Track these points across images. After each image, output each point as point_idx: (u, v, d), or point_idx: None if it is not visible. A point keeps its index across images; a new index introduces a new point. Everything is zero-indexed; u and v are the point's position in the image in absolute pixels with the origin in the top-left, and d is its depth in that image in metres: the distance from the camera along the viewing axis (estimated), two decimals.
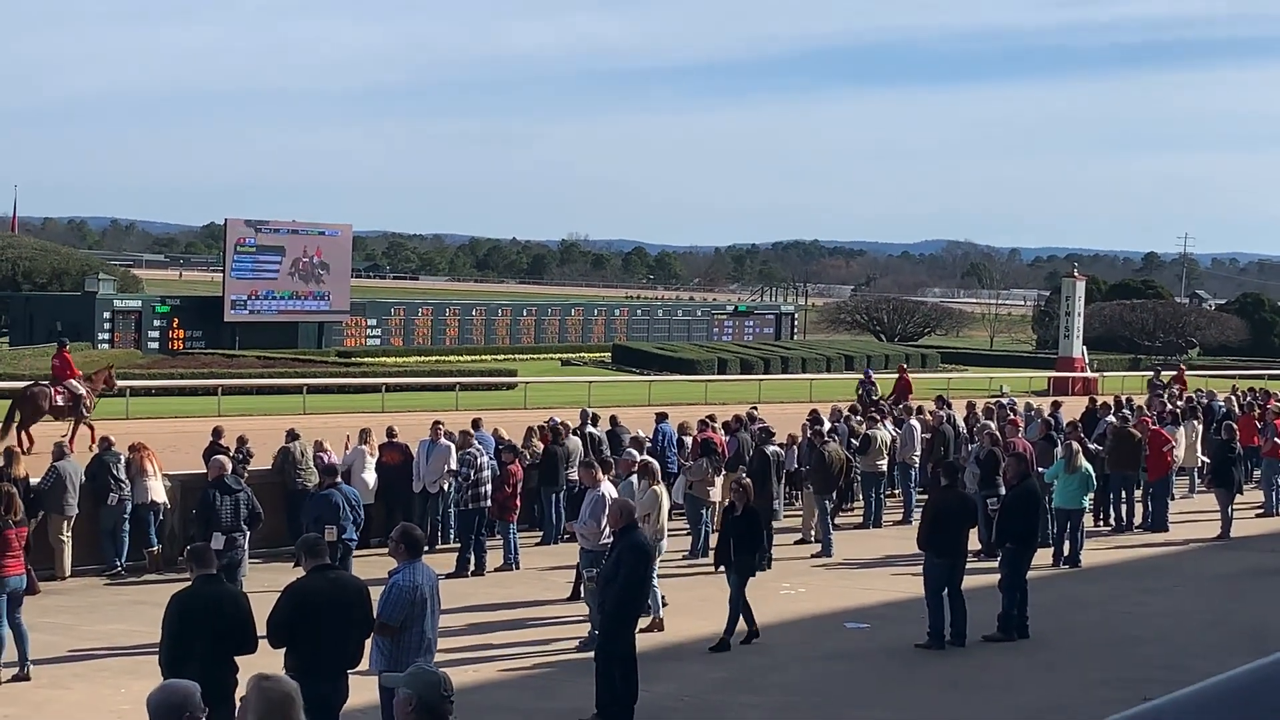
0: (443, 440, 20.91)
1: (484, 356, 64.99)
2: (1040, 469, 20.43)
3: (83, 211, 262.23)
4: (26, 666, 13.48)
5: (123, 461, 19.31)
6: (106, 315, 60.43)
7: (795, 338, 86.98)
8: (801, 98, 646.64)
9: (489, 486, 19.19)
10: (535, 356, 67.93)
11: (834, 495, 21.80)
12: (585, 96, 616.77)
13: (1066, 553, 20.15)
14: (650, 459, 18.10)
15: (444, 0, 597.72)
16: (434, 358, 63.77)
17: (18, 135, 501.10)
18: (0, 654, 13.43)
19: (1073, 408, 31.89)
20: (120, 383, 43.02)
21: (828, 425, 23.51)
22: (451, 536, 21.03)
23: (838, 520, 22.81)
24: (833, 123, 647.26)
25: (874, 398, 35.39)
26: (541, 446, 21.66)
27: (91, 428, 28.03)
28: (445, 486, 20.86)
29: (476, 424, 21.68)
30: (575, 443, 22.03)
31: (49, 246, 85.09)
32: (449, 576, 18.34)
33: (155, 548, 19.22)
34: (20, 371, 47.48)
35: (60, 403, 29.85)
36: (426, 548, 11.84)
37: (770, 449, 20.60)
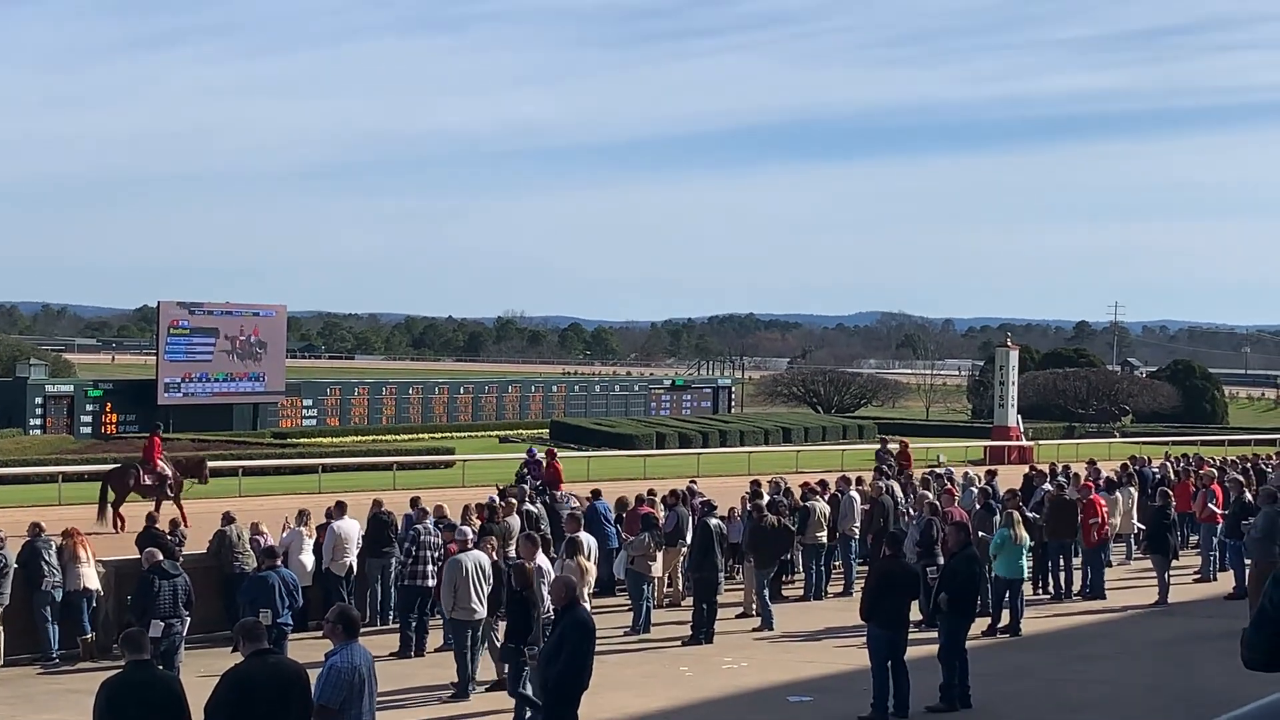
0: (343, 520, 20.93)
1: (421, 435, 64.75)
2: (982, 535, 20.53)
3: (13, 296, 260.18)
4: None
5: (54, 548, 19.05)
6: (39, 400, 59.84)
7: (733, 411, 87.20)
8: (732, 172, 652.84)
9: (432, 565, 19.05)
10: (473, 434, 67.74)
11: (774, 568, 21.80)
12: (516, 174, 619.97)
13: (1005, 621, 20.21)
14: (580, 534, 18.17)
15: (370, 79, 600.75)
16: (371, 437, 63.49)
17: None
18: None
19: (1009, 476, 32.09)
20: (52, 469, 42.62)
21: (767, 498, 23.53)
22: (391, 616, 20.88)
23: (781, 592, 22.84)
24: (764, 196, 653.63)
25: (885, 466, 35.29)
26: (479, 524, 21.55)
27: (181, 508, 29.54)
28: (352, 565, 20.83)
29: (415, 502, 21.55)
30: (514, 520, 21.94)
31: None
32: (393, 656, 18.18)
33: (89, 635, 18.93)
34: None
35: (148, 482, 31.84)
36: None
37: (713, 521, 20.60)
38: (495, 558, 17.28)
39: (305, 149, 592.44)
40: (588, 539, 19.20)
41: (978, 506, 23.09)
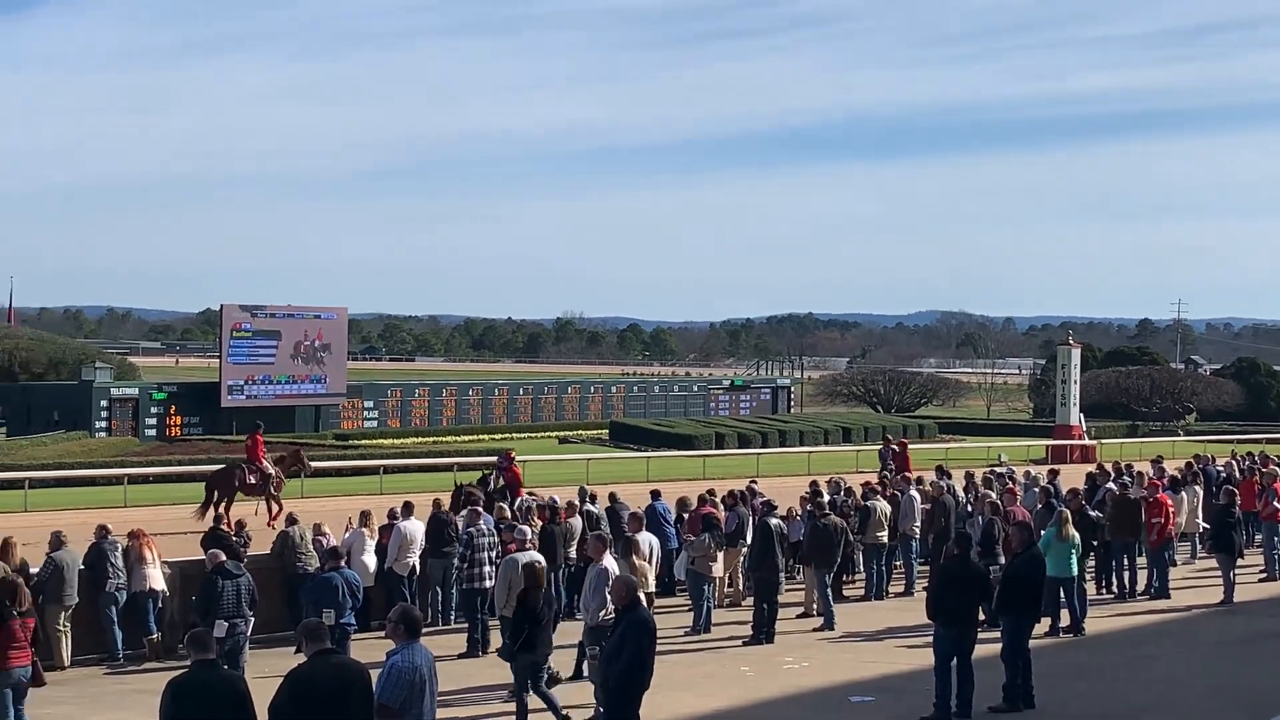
0: (408, 521, 21.08)
1: (481, 436, 65.02)
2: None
3: (79, 300, 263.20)
4: None
5: (120, 549, 19.27)
6: (104, 403, 60.51)
7: (792, 411, 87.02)
8: (790, 171, 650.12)
9: (489, 567, 19.10)
10: (532, 435, 67.93)
11: (834, 568, 21.77)
12: (572, 175, 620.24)
13: (1066, 622, 20.06)
14: (639, 535, 18.22)
15: (425, 83, 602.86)
16: (431, 438, 63.80)
17: (12, 226, 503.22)
18: None
19: (1071, 476, 31.86)
20: (118, 470, 43.09)
21: (827, 497, 23.47)
22: (453, 617, 21.00)
23: (842, 592, 22.79)
24: (824, 195, 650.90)
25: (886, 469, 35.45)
26: (540, 525, 21.61)
27: (280, 505, 29.75)
28: (415, 565, 20.95)
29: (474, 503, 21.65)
30: (575, 521, 22.00)
31: (45, 336, 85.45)
32: (461, 657, 18.25)
33: (155, 635, 19.12)
34: (19, 461, 47.50)
35: (252, 481, 32.13)
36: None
37: (773, 521, 20.57)
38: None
39: (364, 152, 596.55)
40: (648, 539, 19.26)
41: (1039, 506, 22.92)
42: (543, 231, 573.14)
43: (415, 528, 21.11)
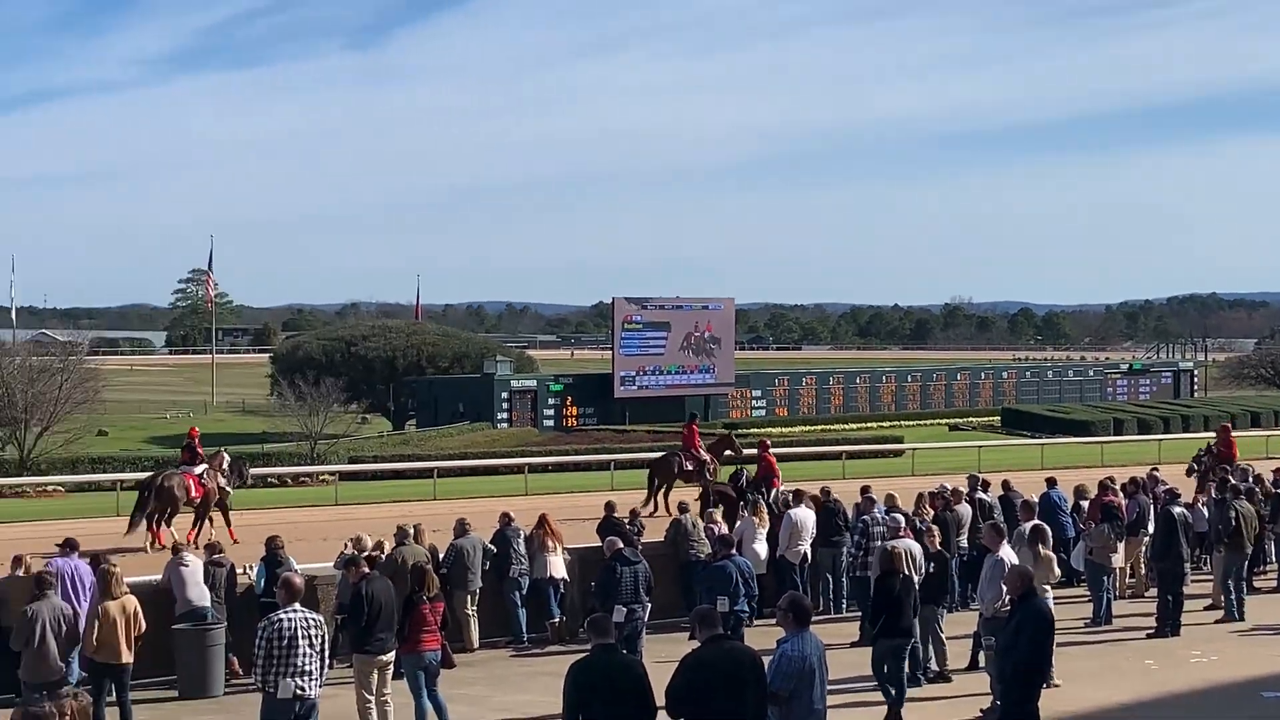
0: (799, 508, 21.11)
1: (869, 424, 64.70)
2: None
3: (480, 297, 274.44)
4: None
5: (522, 536, 19.99)
6: (504, 395, 62.95)
7: (1195, 395, 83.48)
8: (1190, 148, 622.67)
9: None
10: (921, 423, 67.23)
11: (1245, 558, 20.76)
12: (956, 158, 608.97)
13: None
14: (1041, 523, 17.72)
15: (808, 72, 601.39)
16: (819, 427, 63.88)
17: (418, 227, 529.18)
18: None
19: None
20: (518, 460, 44.76)
21: (1239, 483, 22.37)
22: (845, 605, 20.98)
23: (1253, 583, 21.71)
24: (1227, 170, 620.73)
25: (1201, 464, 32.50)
26: (932, 514, 21.35)
27: (713, 491, 29.61)
28: (806, 553, 20.96)
29: (864, 491, 21.57)
30: (965, 509, 21.65)
31: (450, 332, 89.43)
32: (853, 645, 18.20)
33: (556, 619, 19.77)
34: (427, 451, 49.95)
35: (689, 468, 33.27)
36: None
37: (1176, 510, 19.77)
38: (937, 547, 17.06)
39: (748, 143, 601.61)
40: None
41: None
42: (929, 216, 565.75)
43: (806, 516, 21.16)
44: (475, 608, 19.21)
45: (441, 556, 18.86)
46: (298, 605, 11.88)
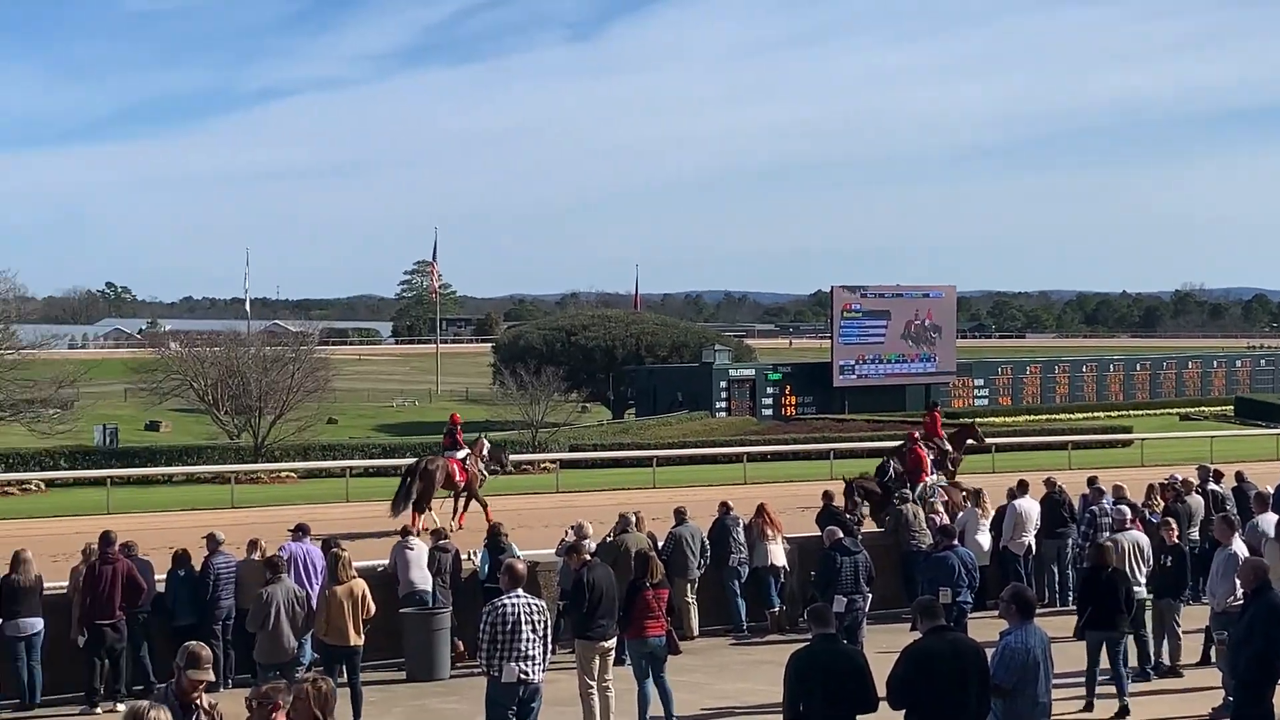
0: (1024, 499, 20.79)
1: (1096, 414, 63.32)
2: None
3: (698, 286, 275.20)
4: None
5: (741, 525, 20.03)
6: (723, 384, 63.11)
7: None
8: None
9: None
10: (1151, 412, 65.54)
11: None
12: (1187, 140, 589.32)
13: None
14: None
15: (1030, 56, 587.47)
16: (1043, 416, 62.77)
17: (636, 217, 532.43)
18: (645, 712, 14.16)
19: None
20: (737, 449, 44.84)
21: None
22: (1070, 597, 20.58)
23: None
24: None
25: None
26: (1163, 505, 20.82)
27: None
28: (1030, 544, 20.64)
29: (1092, 482, 21.13)
30: (1197, 501, 21.05)
31: (669, 321, 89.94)
32: (1070, 639, 17.85)
33: (776, 608, 19.77)
34: (646, 440, 50.33)
35: (932, 457, 32.28)
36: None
37: None
38: (1174, 540, 16.61)
39: (970, 129, 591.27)
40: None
41: None
42: (1158, 200, 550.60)
43: (1030, 506, 20.82)
44: (695, 596, 19.31)
45: (660, 545, 19.02)
46: (521, 590, 12.08)
